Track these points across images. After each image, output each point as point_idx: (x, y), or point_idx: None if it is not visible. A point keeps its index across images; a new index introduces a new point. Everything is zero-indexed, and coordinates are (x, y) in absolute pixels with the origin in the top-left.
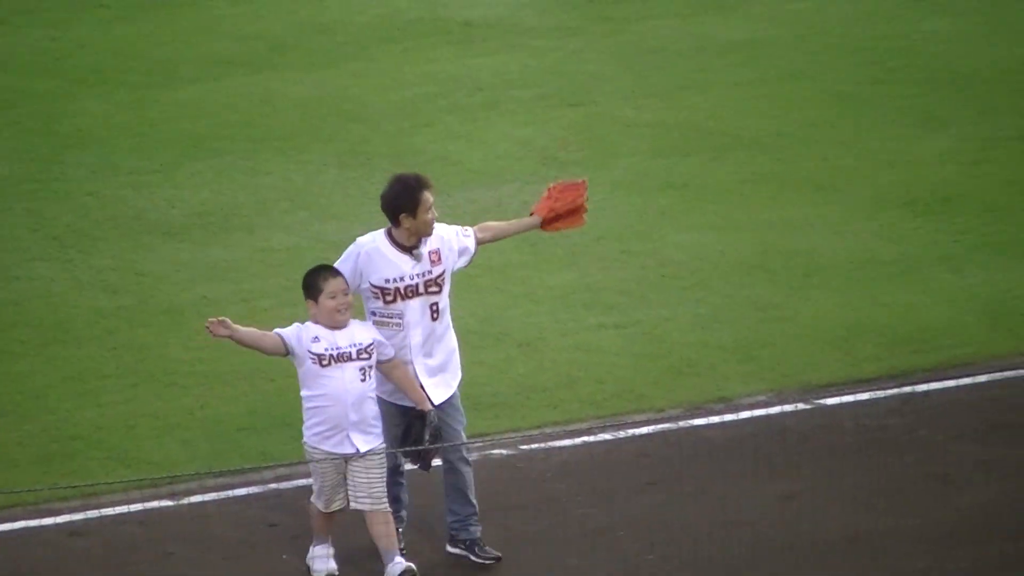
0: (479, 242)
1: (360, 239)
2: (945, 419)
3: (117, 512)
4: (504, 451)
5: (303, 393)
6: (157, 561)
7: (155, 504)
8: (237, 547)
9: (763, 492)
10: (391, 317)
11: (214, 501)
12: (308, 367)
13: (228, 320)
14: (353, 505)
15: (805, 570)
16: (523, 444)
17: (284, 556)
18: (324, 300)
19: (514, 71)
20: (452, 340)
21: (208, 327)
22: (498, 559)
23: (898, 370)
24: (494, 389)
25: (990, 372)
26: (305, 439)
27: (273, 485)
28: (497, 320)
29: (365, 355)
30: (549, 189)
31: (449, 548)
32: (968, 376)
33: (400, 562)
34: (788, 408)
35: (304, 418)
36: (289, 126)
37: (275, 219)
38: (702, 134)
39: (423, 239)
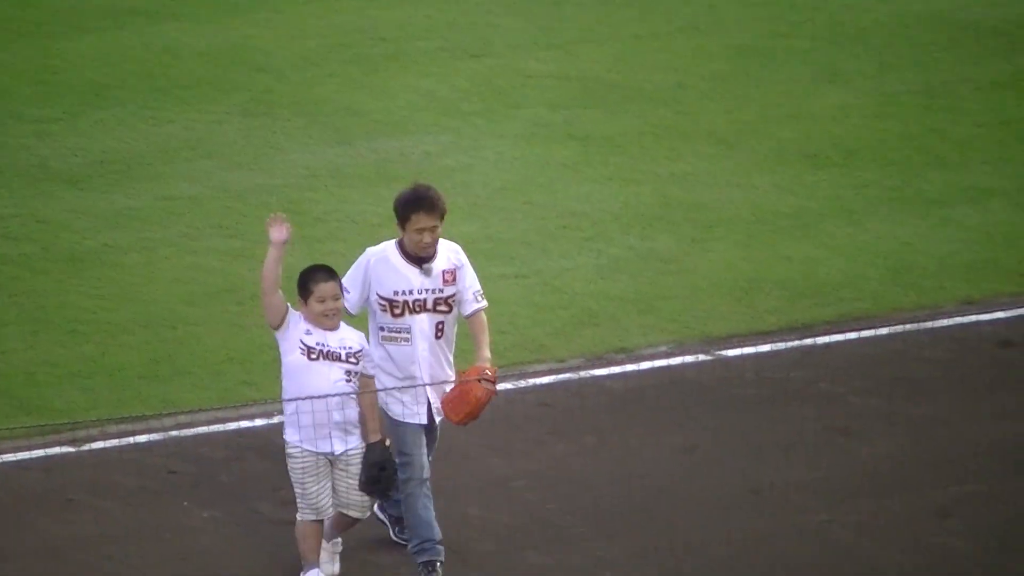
0: (475, 313)
1: (370, 249)
2: (846, 372)
3: (18, 459)
4: None
5: (286, 385)
6: (58, 508)
7: (56, 451)
8: (138, 494)
9: (664, 444)
10: (399, 332)
11: (115, 448)
12: (296, 357)
13: (287, 228)
14: (339, 509)
15: (706, 522)
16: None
17: (184, 503)
18: (312, 303)
19: (417, 22)
20: (451, 360)
21: (271, 220)
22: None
23: (799, 323)
24: None
25: (891, 325)
26: (285, 436)
27: (174, 433)
28: None
29: (353, 360)
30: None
31: (378, 512)
32: (869, 329)
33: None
34: (689, 359)
35: (285, 414)
36: (192, 75)
37: (178, 168)
38: (603, 86)
39: (435, 255)
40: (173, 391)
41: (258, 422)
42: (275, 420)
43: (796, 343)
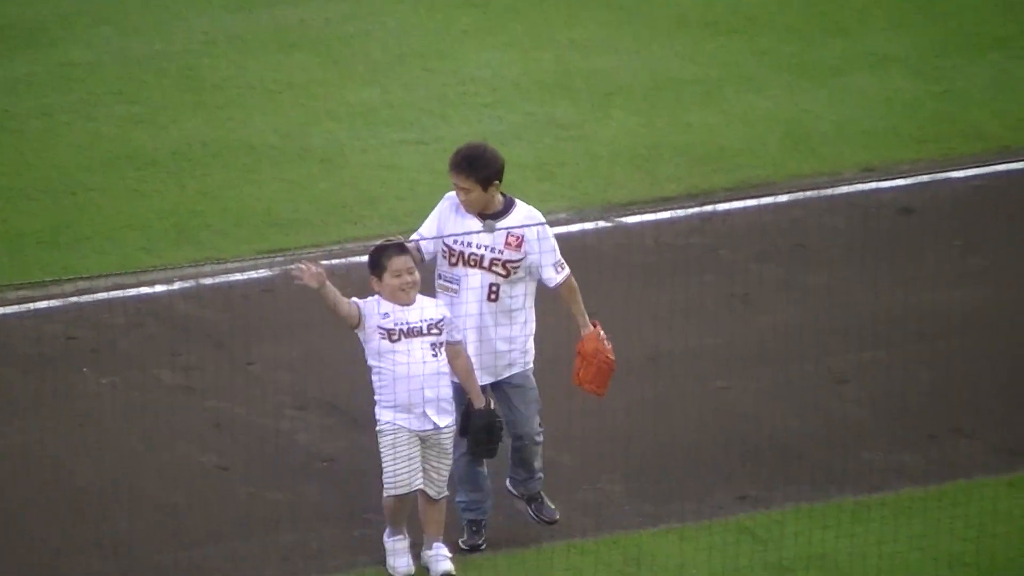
0: (558, 286)
1: (450, 192)
2: (746, 239)
3: None
4: None
5: (373, 365)
6: None
7: None
8: (37, 361)
9: (562, 310)
10: (451, 282)
11: (14, 315)
12: (377, 343)
13: (323, 273)
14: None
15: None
16: (324, 260)
17: (84, 369)
18: (388, 278)
19: None
20: (514, 330)
21: (299, 271)
22: (554, 521)
23: (699, 189)
24: (295, 206)
25: (791, 192)
26: (378, 415)
27: (74, 299)
28: (298, 136)
29: (435, 331)
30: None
31: (509, 487)
32: (769, 196)
33: (443, 556)
34: (588, 226)
35: (376, 394)
36: None
37: (76, 34)
38: None
39: (504, 215)
40: (73, 258)
41: (158, 288)
42: (175, 287)
43: (695, 210)
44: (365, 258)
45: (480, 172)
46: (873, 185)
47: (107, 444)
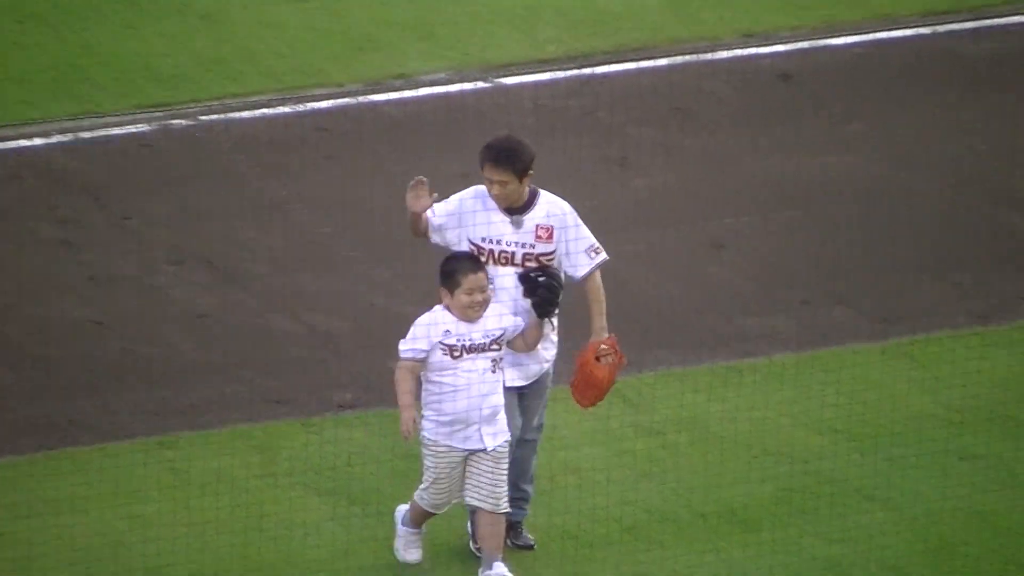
0: (583, 280)
1: (476, 185)
2: (624, 103)
3: None
4: (183, 122)
5: (430, 378)
6: None
7: None
8: None
9: (441, 170)
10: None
11: None
12: (439, 358)
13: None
14: (470, 501)
15: None
16: (202, 115)
17: None
18: (460, 295)
19: None
20: (546, 327)
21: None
22: (531, 547)
23: (578, 52)
24: (175, 61)
25: (670, 56)
26: (426, 431)
27: None
28: None
29: (496, 346)
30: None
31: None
32: (648, 60)
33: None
34: (468, 87)
35: (426, 408)
36: None
37: None
38: None
39: (529, 207)
40: None
41: (36, 141)
42: (53, 140)
43: (575, 72)
44: (244, 114)
45: (518, 164)
46: (752, 51)
47: None
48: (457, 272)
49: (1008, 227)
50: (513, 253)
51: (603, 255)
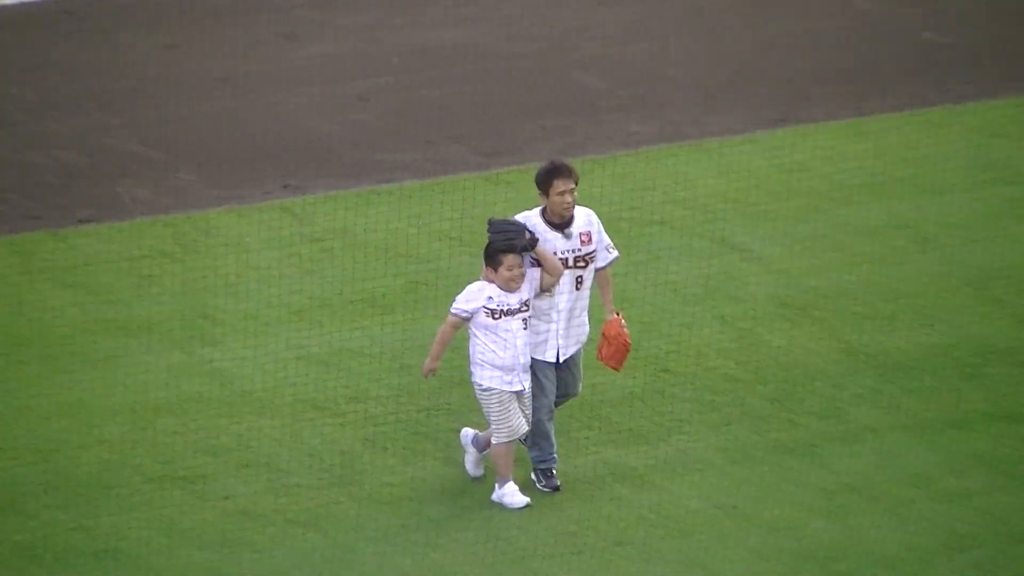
0: (602, 268)
1: (522, 214)
2: None
3: None
4: None
5: (478, 336)
6: None
7: None
8: None
9: (150, 43)
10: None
11: None
12: (482, 319)
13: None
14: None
15: (189, 103)
16: None
17: None
18: (503, 271)
19: None
20: (586, 306)
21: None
22: (557, 489)
23: None
24: None
25: None
26: (486, 383)
27: None
28: None
29: (526, 308)
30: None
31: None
32: None
33: (519, 495)
34: None
35: (478, 364)
36: None
37: None
38: None
39: (573, 221)
40: None
41: None
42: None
43: None
44: None
45: (576, 175)
46: None
47: None
48: (499, 253)
49: (580, 84)
50: (567, 259)
51: (616, 252)
